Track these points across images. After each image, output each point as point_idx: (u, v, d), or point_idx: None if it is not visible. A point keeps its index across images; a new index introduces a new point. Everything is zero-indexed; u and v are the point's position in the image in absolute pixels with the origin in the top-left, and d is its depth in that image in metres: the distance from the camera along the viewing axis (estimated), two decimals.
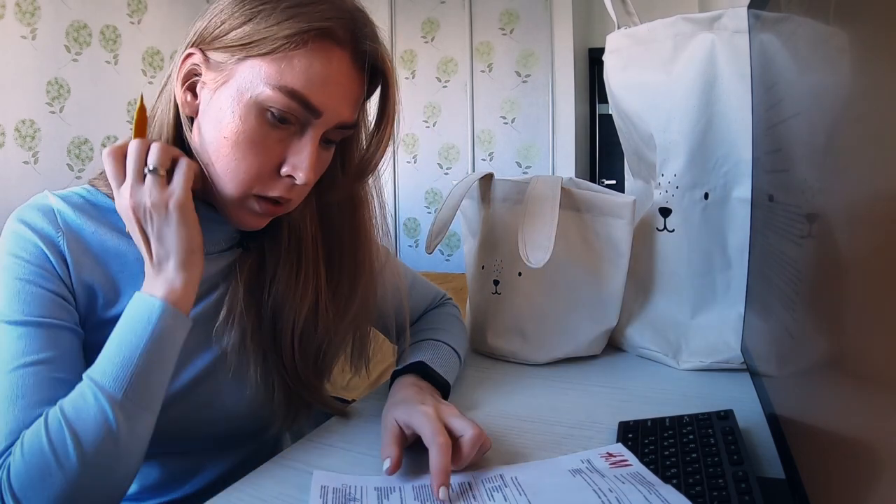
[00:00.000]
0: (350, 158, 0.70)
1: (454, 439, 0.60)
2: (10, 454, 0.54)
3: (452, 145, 4.01)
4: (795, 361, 0.52)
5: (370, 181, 0.73)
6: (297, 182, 0.62)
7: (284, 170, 0.62)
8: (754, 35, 0.77)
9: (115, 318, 0.59)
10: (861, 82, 0.35)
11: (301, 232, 0.71)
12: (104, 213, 0.65)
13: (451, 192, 0.96)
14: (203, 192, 0.65)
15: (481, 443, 0.61)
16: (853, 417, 0.36)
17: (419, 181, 4.10)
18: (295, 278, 0.70)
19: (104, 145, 3.07)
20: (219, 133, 0.60)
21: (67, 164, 2.98)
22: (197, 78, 0.62)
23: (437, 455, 0.56)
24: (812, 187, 0.47)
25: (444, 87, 3.98)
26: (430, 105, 4.02)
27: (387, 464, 0.58)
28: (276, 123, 0.60)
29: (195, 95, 0.63)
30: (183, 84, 0.62)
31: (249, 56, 0.59)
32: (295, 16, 0.58)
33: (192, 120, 0.63)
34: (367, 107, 0.69)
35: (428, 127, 4.04)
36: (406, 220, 4.17)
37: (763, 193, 0.72)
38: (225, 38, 0.60)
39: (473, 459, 0.61)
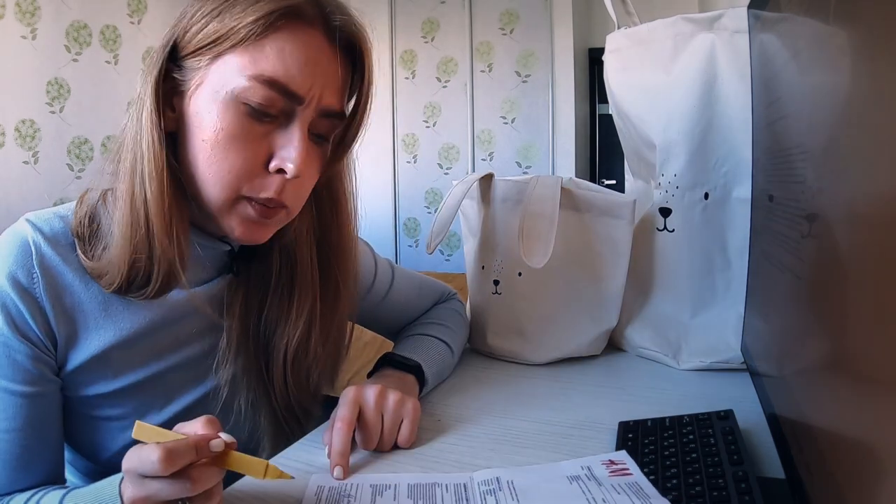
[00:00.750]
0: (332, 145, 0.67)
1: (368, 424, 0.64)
2: None
3: (452, 145, 4.01)
4: (795, 361, 0.52)
5: (347, 178, 0.70)
6: (288, 175, 0.58)
7: (273, 164, 0.58)
8: (754, 35, 0.77)
9: (79, 365, 0.60)
10: (861, 82, 0.35)
11: (296, 252, 0.68)
12: (75, 250, 0.60)
13: (451, 192, 0.96)
14: (200, 217, 0.62)
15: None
16: (853, 417, 0.36)
17: (419, 181, 4.09)
18: (288, 302, 0.68)
19: (104, 145, 3.07)
20: (199, 137, 0.58)
21: (67, 164, 2.98)
22: (172, 91, 0.59)
23: (333, 436, 0.62)
24: (812, 187, 0.46)
25: (444, 87, 3.98)
26: (430, 105, 4.02)
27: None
28: (258, 117, 0.57)
29: (172, 109, 0.59)
30: (161, 100, 0.58)
31: (220, 53, 0.57)
32: (257, 1, 0.56)
33: (173, 136, 0.60)
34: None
35: (428, 127, 4.04)
36: (406, 220, 4.17)
37: (763, 193, 0.72)
38: (193, 41, 0.57)
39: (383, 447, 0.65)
